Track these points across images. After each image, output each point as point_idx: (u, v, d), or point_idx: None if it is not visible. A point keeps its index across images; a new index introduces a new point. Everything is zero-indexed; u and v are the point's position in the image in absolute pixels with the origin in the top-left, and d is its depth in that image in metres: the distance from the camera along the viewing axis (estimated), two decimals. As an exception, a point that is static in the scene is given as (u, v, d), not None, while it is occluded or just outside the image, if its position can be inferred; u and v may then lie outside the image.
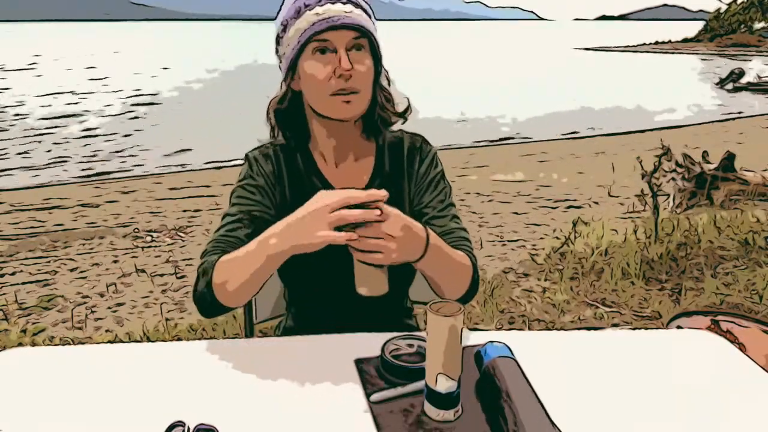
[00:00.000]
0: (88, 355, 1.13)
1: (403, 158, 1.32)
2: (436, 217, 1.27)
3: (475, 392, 0.97)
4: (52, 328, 3.50)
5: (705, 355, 1.11)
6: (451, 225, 1.27)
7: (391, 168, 1.32)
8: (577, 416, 0.91)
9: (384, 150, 1.33)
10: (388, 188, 1.25)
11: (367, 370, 1.04)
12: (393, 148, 1.33)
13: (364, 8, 1.20)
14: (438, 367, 0.88)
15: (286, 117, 1.29)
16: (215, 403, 0.95)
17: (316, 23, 1.14)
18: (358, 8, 1.18)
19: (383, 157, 1.32)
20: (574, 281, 3.64)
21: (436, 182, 1.31)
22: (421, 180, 1.31)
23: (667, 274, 3.63)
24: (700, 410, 0.93)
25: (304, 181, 1.30)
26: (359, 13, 1.17)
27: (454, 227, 1.27)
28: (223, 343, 1.37)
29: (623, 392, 0.98)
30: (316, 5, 1.15)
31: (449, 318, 0.86)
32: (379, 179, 1.31)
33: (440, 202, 1.29)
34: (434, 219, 1.27)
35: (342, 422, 0.90)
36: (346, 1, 1.17)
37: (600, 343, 1.16)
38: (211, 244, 1.18)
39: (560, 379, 1.01)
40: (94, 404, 0.96)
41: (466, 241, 1.26)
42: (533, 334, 1.22)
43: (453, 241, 1.23)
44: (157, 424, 0.88)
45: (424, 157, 1.33)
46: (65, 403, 0.96)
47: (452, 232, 1.26)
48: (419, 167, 1.32)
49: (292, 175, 1.30)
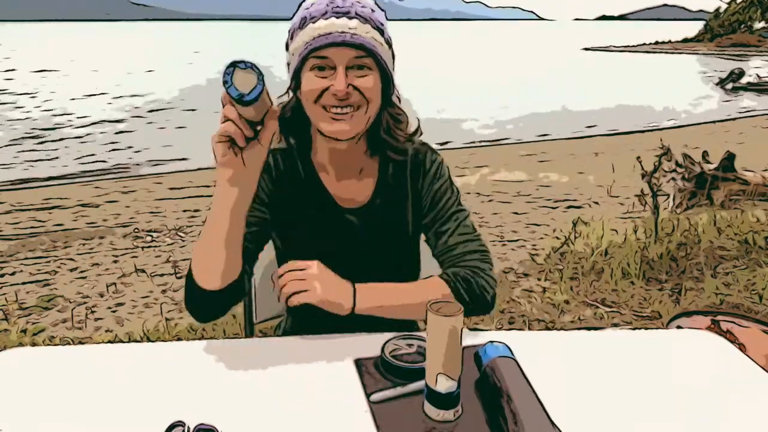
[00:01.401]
0: (88, 355, 1.12)
1: (406, 175, 1.29)
2: (441, 233, 1.26)
3: (475, 392, 0.97)
4: (52, 328, 3.50)
5: (705, 355, 1.11)
6: (451, 241, 1.25)
7: (394, 184, 1.29)
8: (577, 416, 0.91)
9: (388, 166, 1.28)
10: (389, 206, 1.26)
11: (367, 370, 1.04)
12: (397, 163, 1.29)
13: (374, 23, 1.13)
14: (438, 367, 0.88)
15: (290, 123, 1.26)
16: (215, 403, 0.95)
17: (317, 38, 1.09)
18: (367, 23, 1.11)
19: (387, 173, 1.29)
20: (574, 281, 3.64)
21: (439, 195, 1.27)
22: (425, 196, 1.28)
23: (667, 274, 3.63)
24: (700, 410, 0.93)
25: (305, 191, 1.27)
26: (366, 30, 1.11)
27: (453, 243, 1.25)
28: (223, 343, 1.37)
29: (623, 392, 0.98)
30: (320, 18, 1.10)
31: (449, 318, 0.86)
32: (380, 198, 1.28)
33: (447, 215, 1.26)
34: (437, 235, 1.26)
35: (342, 422, 0.90)
36: (353, 15, 1.10)
37: (600, 343, 1.16)
38: None
39: (560, 379, 1.01)
40: (94, 404, 0.96)
41: (465, 256, 1.23)
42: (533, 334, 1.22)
43: (453, 259, 1.23)
44: (157, 424, 0.88)
45: (428, 170, 1.28)
46: (65, 403, 0.96)
47: (453, 248, 1.24)
48: (422, 182, 1.28)
49: (292, 183, 1.27)
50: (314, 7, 1.11)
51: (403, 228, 1.30)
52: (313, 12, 1.11)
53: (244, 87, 0.92)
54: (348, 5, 1.10)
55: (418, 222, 1.32)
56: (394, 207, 1.28)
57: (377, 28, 1.13)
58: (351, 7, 1.10)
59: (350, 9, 1.10)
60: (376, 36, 1.13)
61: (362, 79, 1.11)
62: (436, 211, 1.27)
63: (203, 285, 1.08)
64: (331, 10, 1.09)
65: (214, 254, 1.07)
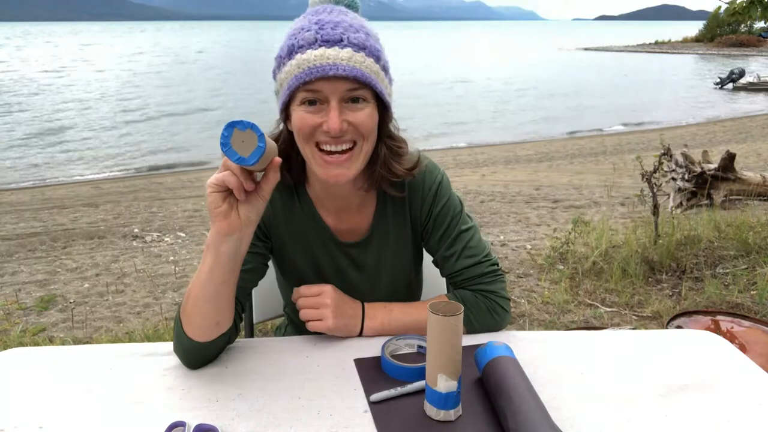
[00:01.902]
0: (88, 355, 1.12)
1: (405, 202, 1.21)
2: (445, 257, 1.21)
3: (475, 392, 0.97)
4: (52, 328, 3.50)
5: (705, 355, 1.11)
6: (457, 266, 1.20)
7: (392, 215, 1.22)
8: (577, 416, 0.91)
9: (386, 196, 1.20)
10: (388, 238, 1.23)
11: (367, 370, 1.04)
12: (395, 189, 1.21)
13: (369, 50, 1.02)
14: (438, 367, 0.88)
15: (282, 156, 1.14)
16: (215, 403, 0.95)
17: (306, 71, 0.98)
18: (361, 51, 1.00)
19: (385, 204, 1.21)
20: (574, 281, 3.63)
21: (441, 218, 1.20)
22: (426, 221, 1.22)
23: (667, 274, 3.63)
24: (699, 410, 0.93)
25: (304, 225, 1.22)
26: (359, 59, 0.99)
27: (459, 267, 1.20)
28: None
29: (623, 392, 0.98)
30: (308, 48, 0.98)
31: (449, 318, 0.86)
32: (379, 230, 1.22)
33: (447, 237, 1.20)
34: (444, 260, 1.22)
35: (342, 422, 0.90)
36: (346, 43, 0.99)
37: (600, 343, 1.16)
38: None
39: (560, 379, 1.01)
40: (94, 404, 0.96)
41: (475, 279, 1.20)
42: (533, 334, 1.21)
43: (462, 283, 1.20)
44: (157, 424, 0.88)
45: (426, 195, 1.20)
46: (65, 403, 0.96)
47: (460, 273, 1.20)
48: (422, 208, 1.21)
49: (290, 217, 1.21)
50: (302, 34, 1.00)
51: (403, 257, 1.27)
52: (300, 40, 1.00)
53: (243, 148, 0.87)
54: (339, 32, 0.99)
55: (420, 248, 1.29)
56: (393, 238, 1.24)
57: (372, 55, 1.02)
58: (342, 34, 0.99)
59: (342, 36, 0.99)
60: (371, 65, 1.01)
61: (358, 113, 1.02)
62: (439, 235, 1.21)
63: (192, 337, 1.02)
64: (321, 38, 0.98)
65: (204, 309, 1.01)
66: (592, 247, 3.99)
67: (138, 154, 11.84)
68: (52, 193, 8.52)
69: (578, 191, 7.04)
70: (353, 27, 1.02)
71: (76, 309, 3.76)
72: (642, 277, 3.58)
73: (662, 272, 3.64)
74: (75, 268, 4.67)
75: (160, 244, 5.31)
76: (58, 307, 3.83)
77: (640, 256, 3.74)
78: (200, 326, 1.01)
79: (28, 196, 8.20)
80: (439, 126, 14.50)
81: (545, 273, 3.83)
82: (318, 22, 1.01)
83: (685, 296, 3.32)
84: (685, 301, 3.26)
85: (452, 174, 8.66)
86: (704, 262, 3.70)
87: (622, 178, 7.53)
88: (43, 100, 19.30)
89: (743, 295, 3.25)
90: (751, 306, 3.13)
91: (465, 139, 13.35)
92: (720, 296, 3.24)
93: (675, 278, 3.59)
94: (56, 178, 10.09)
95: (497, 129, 14.57)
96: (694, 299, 3.26)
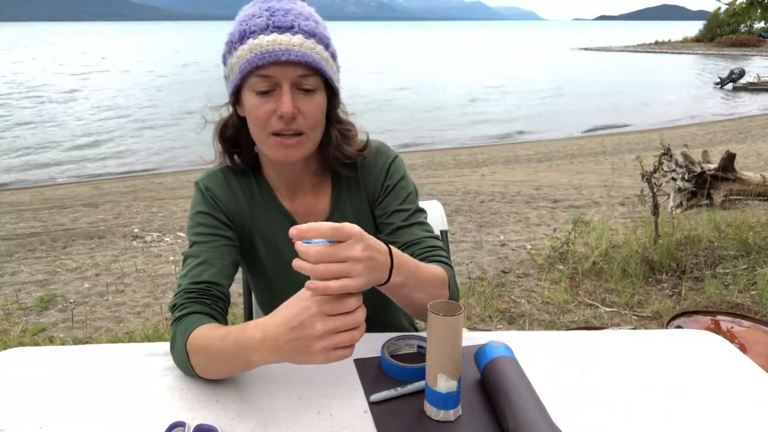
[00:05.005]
0: (88, 355, 1.12)
1: (359, 179, 1.23)
2: (401, 227, 1.19)
3: (475, 392, 0.97)
4: (52, 328, 3.50)
5: (705, 355, 1.11)
6: (419, 233, 1.18)
7: (349, 194, 1.24)
8: (577, 416, 0.91)
9: (341, 177, 1.23)
10: (349, 216, 1.21)
11: (367, 370, 1.04)
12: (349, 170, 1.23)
13: (318, 36, 1.06)
14: (438, 367, 0.88)
15: (234, 142, 1.18)
16: (215, 403, 0.95)
17: (259, 55, 1.01)
18: (311, 38, 1.04)
19: (340, 185, 1.23)
20: (574, 281, 3.64)
21: (395, 191, 1.21)
22: (380, 193, 1.22)
23: (667, 274, 3.63)
24: (699, 410, 0.93)
25: (263, 210, 1.22)
26: (310, 45, 1.03)
27: (422, 236, 1.18)
28: (223, 343, 1.37)
29: (623, 392, 0.98)
30: (260, 33, 1.02)
31: (449, 318, 0.86)
32: (338, 211, 1.23)
33: (404, 210, 1.20)
34: (400, 230, 1.19)
35: (342, 422, 0.90)
36: (297, 30, 1.03)
37: (600, 343, 1.16)
38: (179, 295, 1.07)
39: (560, 379, 1.01)
40: (94, 404, 0.96)
41: (438, 250, 1.17)
42: (533, 334, 1.21)
43: (423, 252, 1.15)
44: (157, 424, 0.88)
45: (379, 170, 1.22)
46: (65, 403, 0.96)
47: (421, 241, 1.17)
48: (375, 181, 1.22)
49: (250, 202, 1.21)
50: (253, 20, 1.04)
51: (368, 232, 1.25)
52: (252, 26, 1.03)
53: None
54: (290, 19, 1.03)
55: (378, 218, 1.26)
56: (353, 220, 1.19)
57: (322, 42, 1.06)
58: (293, 21, 1.03)
59: (293, 23, 1.03)
60: (321, 51, 1.06)
61: (308, 103, 1.05)
62: (395, 207, 1.20)
63: (201, 375, 1.01)
64: (273, 24, 1.02)
65: (216, 367, 0.99)
66: (592, 247, 3.99)
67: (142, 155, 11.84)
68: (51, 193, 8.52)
69: (578, 191, 7.04)
70: (303, 15, 1.06)
71: (76, 309, 3.77)
72: (642, 277, 3.58)
73: (662, 272, 3.65)
74: (75, 268, 4.67)
75: (160, 244, 5.31)
76: (58, 307, 3.83)
77: (640, 256, 3.74)
78: (209, 372, 1.01)
79: (28, 196, 8.20)
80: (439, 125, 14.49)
81: (545, 273, 3.83)
82: (269, 9, 1.05)
83: (685, 296, 3.32)
84: (685, 301, 3.26)
85: (452, 174, 8.66)
86: (704, 262, 3.70)
87: (622, 178, 7.53)
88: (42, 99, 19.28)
89: (743, 295, 3.25)
90: (751, 306, 3.13)
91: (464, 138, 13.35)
92: (720, 296, 3.24)
93: (675, 278, 3.59)
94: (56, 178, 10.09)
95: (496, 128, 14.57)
96: (694, 299, 3.26)
